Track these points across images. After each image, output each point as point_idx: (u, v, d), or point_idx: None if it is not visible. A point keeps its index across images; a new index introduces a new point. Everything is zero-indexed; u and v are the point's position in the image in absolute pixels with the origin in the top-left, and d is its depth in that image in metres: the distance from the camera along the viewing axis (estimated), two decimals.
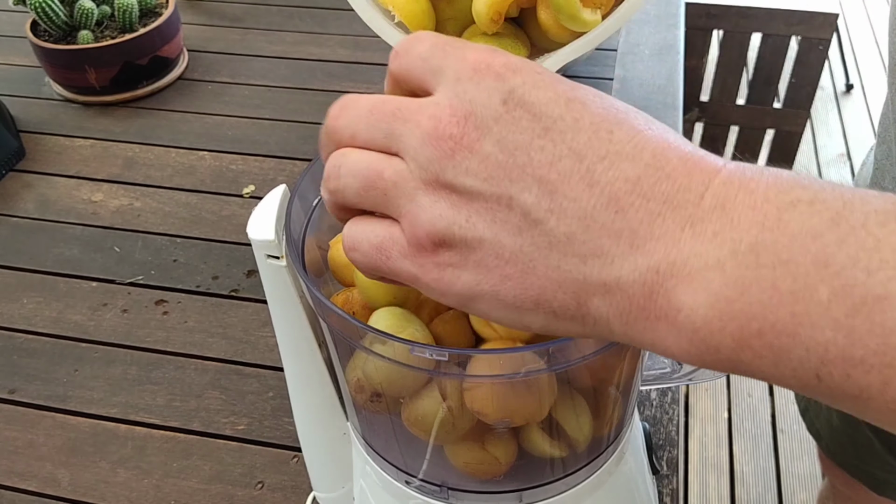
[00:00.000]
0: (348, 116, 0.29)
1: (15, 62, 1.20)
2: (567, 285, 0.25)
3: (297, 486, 0.64)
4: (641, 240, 0.23)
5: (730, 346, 0.23)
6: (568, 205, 0.24)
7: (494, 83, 0.26)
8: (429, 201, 0.26)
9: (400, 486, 0.45)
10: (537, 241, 0.25)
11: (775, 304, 0.21)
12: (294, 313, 0.43)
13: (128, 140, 1.03)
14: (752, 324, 0.22)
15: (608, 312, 0.25)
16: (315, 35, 1.23)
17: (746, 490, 1.59)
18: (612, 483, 0.47)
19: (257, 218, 0.40)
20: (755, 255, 0.22)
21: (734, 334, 0.22)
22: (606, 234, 0.24)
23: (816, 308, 0.21)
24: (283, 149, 1.01)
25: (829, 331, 0.21)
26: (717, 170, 0.24)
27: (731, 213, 0.22)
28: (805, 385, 0.22)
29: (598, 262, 0.24)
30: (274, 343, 0.73)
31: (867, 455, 0.80)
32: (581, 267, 0.24)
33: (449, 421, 0.39)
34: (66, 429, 0.70)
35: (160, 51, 1.09)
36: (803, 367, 0.22)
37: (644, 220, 0.23)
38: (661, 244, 0.23)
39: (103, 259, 0.86)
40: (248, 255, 0.85)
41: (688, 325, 0.23)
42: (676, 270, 0.23)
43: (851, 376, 0.21)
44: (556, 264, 0.25)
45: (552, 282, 0.25)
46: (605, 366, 0.40)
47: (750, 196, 0.23)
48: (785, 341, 0.21)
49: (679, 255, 0.23)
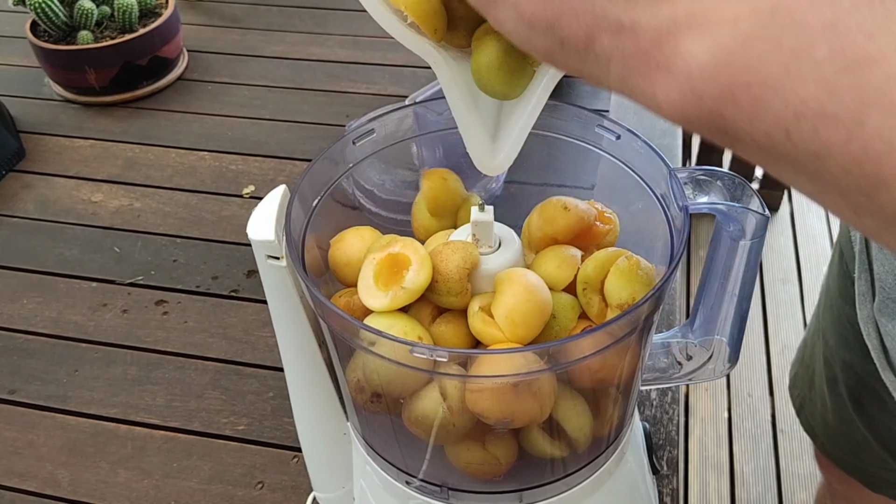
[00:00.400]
0: None
1: (15, 63, 1.20)
2: (584, 17, 0.25)
3: (297, 486, 0.64)
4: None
5: (714, 96, 0.23)
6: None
7: None
8: None
9: (400, 486, 0.45)
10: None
11: (772, 59, 0.22)
12: (294, 313, 0.43)
13: (128, 140, 1.03)
14: (744, 75, 0.23)
15: (612, 53, 0.25)
16: (315, 35, 1.23)
17: (746, 490, 1.59)
18: (612, 483, 0.47)
19: (257, 218, 0.40)
20: (772, 14, 0.22)
21: (723, 82, 0.23)
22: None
23: (809, 64, 0.22)
24: (283, 149, 1.01)
25: (812, 85, 0.22)
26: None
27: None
28: (772, 142, 0.23)
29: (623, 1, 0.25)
30: (274, 343, 0.73)
31: (862, 453, 0.81)
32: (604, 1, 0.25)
33: (449, 421, 0.39)
34: (66, 429, 0.70)
35: (160, 51, 1.09)
36: (777, 122, 0.22)
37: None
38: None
39: (103, 259, 0.86)
40: (248, 256, 0.85)
41: (683, 72, 0.24)
42: (693, 21, 0.23)
43: (819, 131, 0.22)
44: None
45: (572, 8, 0.25)
46: (605, 366, 0.40)
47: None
48: (768, 94, 0.22)
49: (700, 7, 0.23)
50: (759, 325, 1.83)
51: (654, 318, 0.41)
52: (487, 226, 0.40)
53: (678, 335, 0.48)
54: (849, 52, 0.21)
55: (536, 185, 0.50)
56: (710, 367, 0.48)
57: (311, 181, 0.44)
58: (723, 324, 0.45)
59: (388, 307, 0.38)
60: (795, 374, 0.93)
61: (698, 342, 0.47)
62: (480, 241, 0.41)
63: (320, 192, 0.45)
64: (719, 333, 0.46)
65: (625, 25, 0.25)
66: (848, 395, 0.77)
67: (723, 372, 0.48)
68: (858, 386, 0.75)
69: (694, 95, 0.24)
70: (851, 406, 0.77)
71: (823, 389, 0.82)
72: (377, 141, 0.47)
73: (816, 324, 0.84)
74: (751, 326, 1.81)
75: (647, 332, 0.42)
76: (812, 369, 0.86)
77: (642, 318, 0.38)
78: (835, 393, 0.79)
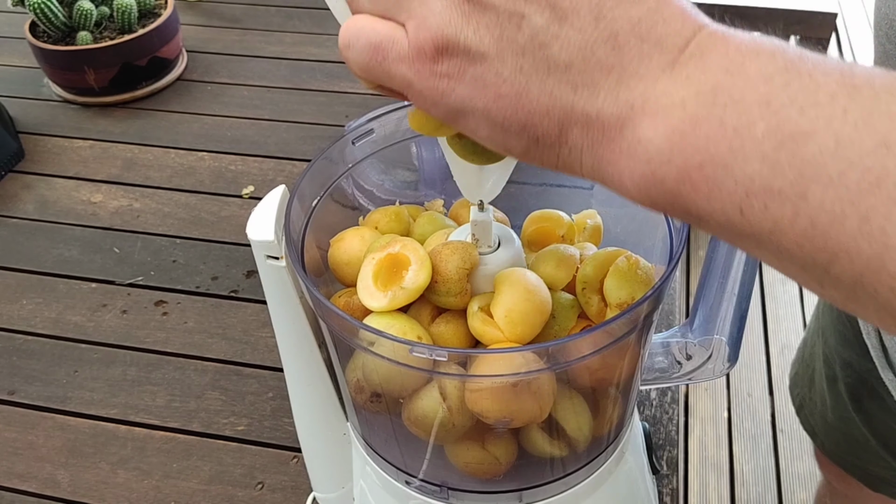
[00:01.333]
0: None
1: (14, 63, 1.20)
2: (555, 112, 0.26)
3: (297, 487, 0.64)
4: (627, 77, 0.25)
5: (673, 178, 0.24)
6: (573, 35, 0.25)
7: None
8: (441, 6, 0.27)
9: (400, 486, 0.45)
10: (538, 65, 0.26)
11: (718, 139, 0.23)
12: (294, 314, 0.43)
13: (127, 141, 1.03)
14: (696, 157, 0.23)
15: (583, 143, 0.26)
16: (314, 35, 1.23)
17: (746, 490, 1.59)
18: (611, 483, 0.47)
19: (257, 219, 0.40)
20: (714, 95, 0.23)
21: (679, 166, 0.24)
22: (600, 68, 0.25)
23: (751, 142, 0.22)
24: (283, 149, 1.01)
25: (756, 163, 0.22)
26: (708, 23, 0.26)
27: (707, 59, 0.24)
28: (730, 220, 0.24)
29: (586, 92, 0.25)
30: (274, 344, 0.73)
31: (862, 452, 0.81)
32: (571, 95, 0.26)
33: (448, 421, 0.39)
34: (66, 430, 0.70)
35: (159, 52, 1.09)
36: (731, 200, 0.23)
37: (634, 58, 0.25)
38: (641, 82, 0.25)
39: (103, 260, 0.86)
40: (248, 256, 0.85)
41: (643, 156, 0.25)
42: (648, 107, 0.25)
43: (769, 207, 0.22)
44: (549, 90, 0.26)
45: (542, 107, 0.26)
46: (604, 366, 0.40)
47: (725, 47, 0.24)
48: (720, 174, 0.23)
49: (653, 92, 0.25)
50: (759, 324, 1.83)
51: (654, 317, 0.41)
52: (486, 225, 0.40)
53: (678, 335, 0.48)
54: (784, 127, 0.22)
55: (536, 185, 0.50)
56: (709, 367, 0.48)
57: (311, 181, 0.44)
58: (722, 323, 0.45)
59: (388, 307, 0.38)
60: (795, 374, 0.93)
61: (698, 342, 0.47)
62: (480, 241, 0.41)
63: (320, 192, 0.45)
64: (719, 333, 0.46)
65: (591, 116, 0.25)
66: (847, 393, 0.77)
67: (722, 371, 0.48)
68: (858, 385, 0.75)
69: (655, 179, 0.25)
70: (851, 405, 0.77)
71: (823, 388, 0.82)
72: (376, 141, 0.47)
73: (816, 323, 0.84)
74: (751, 326, 1.82)
75: (647, 331, 0.42)
76: (812, 368, 0.86)
77: (641, 317, 0.38)
78: (834, 392, 0.80)
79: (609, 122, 0.25)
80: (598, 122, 0.25)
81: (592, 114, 0.25)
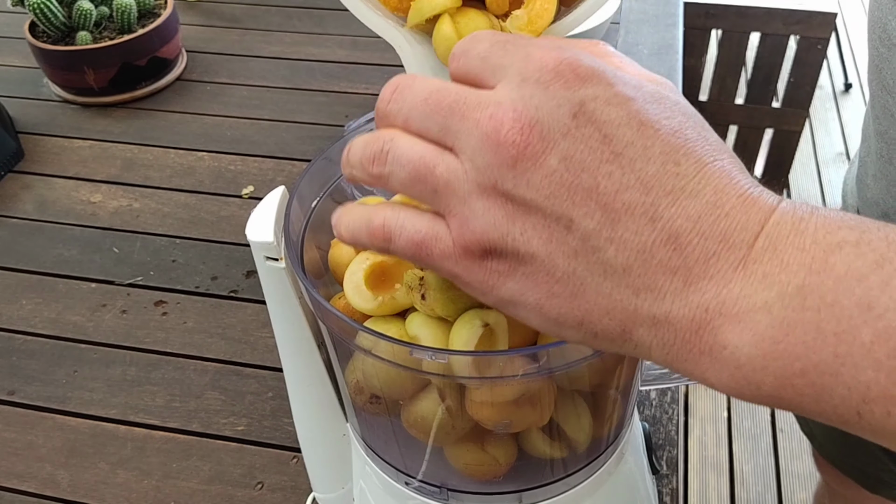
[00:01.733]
0: (401, 101, 0.28)
1: (13, 63, 1.20)
2: (615, 313, 0.25)
3: (296, 487, 0.64)
4: (695, 278, 0.24)
5: (772, 384, 0.23)
6: (629, 237, 0.24)
7: (564, 91, 0.25)
8: (482, 207, 0.25)
9: (399, 486, 0.45)
10: (592, 268, 0.24)
11: (819, 346, 0.22)
12: (293, 315, 0.43)
13: (126, 141, 1.03)
14: (796, 364, 0.22)
15: (651, 342, 0.25)
16: (314, 35, 1.23)
17: (746, 489, 1.59)
18: (612, 483, 0.47)
19: (256, 219, 0.40)
20: (802, 297, 0.22)
21: (777, 373, 0.23)
22: (662, 271, 0.24)
23: (859, 349, 0.21)
24: (282, 149, 1.01)
25: (870, 371, 0.21)
26: (771, 209, 0.24)
27: (782, 254, 0.23)
28: (846, 421, 0.23)
29: (650, 295, 0.24)
30: (273, 344, 0.73)
31: (860, 454, 0.81)
32: (633, 299, 0.24)
33: (448, 422, 0.39)
34: (66, 430, 0.70)
35: (159, 52, 1.09)
36: (844, 405, 0.22)
37: (700, 258, 0.24)
38: (713, 283, 0.23)
39: (102, 260, 0.86)
40: (248, 256, 0.85)
41: (731, 362, 0.23)
42: (725, 310, 0.23)
43: (892, 414, 0.21)
44: (607, 292, 0.25)
45: (600, 307, 0.25)
46: (604, 367, 0.40)
47: (800, 237, 0.23)
48: (827, 380, 0.22)
49: (729, 294, 0.23)
50: None
51: None
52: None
53: None
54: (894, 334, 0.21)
55: None
56: None
57: (311, 182, 0.44)
58: None
59: (376, 311, 0.38)
60: None
61: None
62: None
63: (319, 192, 0.45)
64: None
65: (658, 318, 0.24)
66: None
67: None
68: None
69: (749, 384, 0.23)
70: None
71: None
72: None
73: None
74: None
75: None
76: None
77: None
78: None
79: (681, 325, 0.24)
80: (667, 325, 0.24)
81: (661, 316, 0.24)
